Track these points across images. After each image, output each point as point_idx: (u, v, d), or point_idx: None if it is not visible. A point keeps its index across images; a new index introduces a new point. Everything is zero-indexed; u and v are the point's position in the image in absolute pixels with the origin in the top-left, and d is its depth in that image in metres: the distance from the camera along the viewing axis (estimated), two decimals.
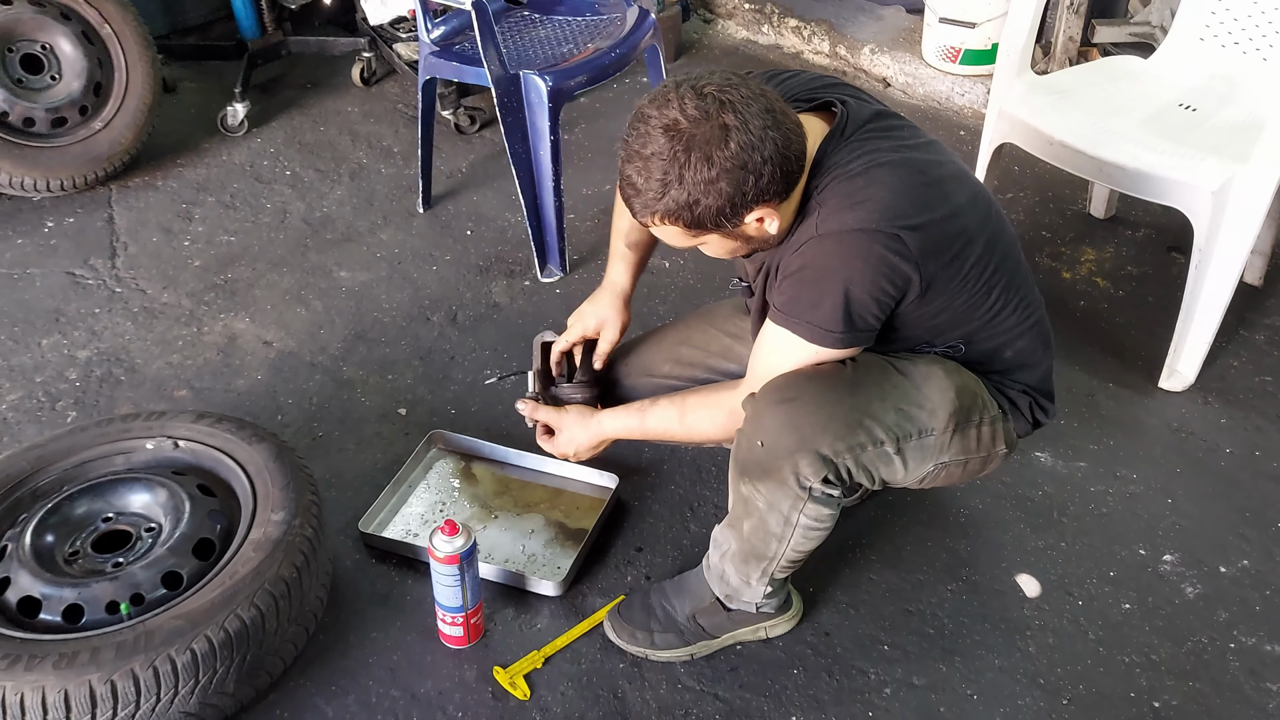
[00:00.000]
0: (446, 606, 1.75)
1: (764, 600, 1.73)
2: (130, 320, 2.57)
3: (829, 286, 1.45)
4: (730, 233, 1.46)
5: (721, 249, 1.53)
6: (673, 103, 1.38)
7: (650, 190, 1.40)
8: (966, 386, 1.60)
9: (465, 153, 3.24)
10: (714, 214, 1.40)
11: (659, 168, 1.38)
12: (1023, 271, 1.63)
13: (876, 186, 1.44)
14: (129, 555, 1.73)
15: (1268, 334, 2.45)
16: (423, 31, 2.70)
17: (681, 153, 1.37)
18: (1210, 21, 2.48)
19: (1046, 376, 1.70)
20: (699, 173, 1.37)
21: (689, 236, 1.47)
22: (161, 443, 1.89)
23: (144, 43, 3.08)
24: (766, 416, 1.52)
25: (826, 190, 1.46)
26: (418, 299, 2.63)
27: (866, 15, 3.84)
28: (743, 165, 1.37)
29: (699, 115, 1.36)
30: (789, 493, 1.54)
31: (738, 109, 1.37)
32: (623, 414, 1.79)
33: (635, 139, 1.41)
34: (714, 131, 1.36)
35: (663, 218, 1.43)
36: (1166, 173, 2.13)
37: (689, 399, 1.71)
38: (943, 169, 1.52)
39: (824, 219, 1.45)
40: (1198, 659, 1.77)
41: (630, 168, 1.42)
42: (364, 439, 2.22)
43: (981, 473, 1.69)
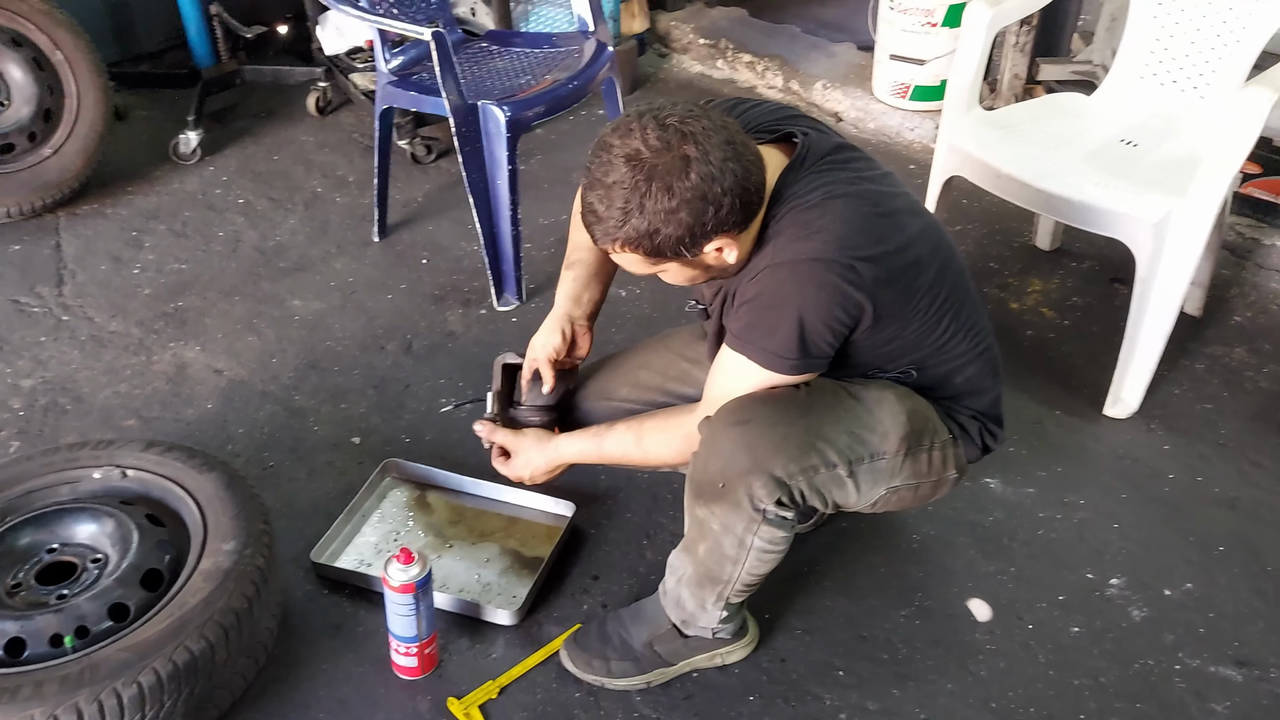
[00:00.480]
0: (400, 636, 1.73)
1: (720, 625, 1.73)
2: (77, 349, 2.53)
3: (784, 314, 1.47)
4: (689, 261, 1.48)
5: (680, 277, 1.55)
6: (635, 132, 1.40)
7: (612, 218, 1.42)
8: (918, 411, 1.62)
9: (421, 182, 3.24)
10: (673, 243, 1.43)
11: (620, 196, 1.40)
12: (972, 300, 1.66)
13: (832, 218, 1.47)
14: (74, 587, 1.69)
15: (1207, 363, 2.51)
16: (380, 61, 2.70)
17: (643, 182, 1.39)
18: (1149, 61, 2.55)
19: (996, 402, 1.73)
20: (659, 202, 1.39)
21: (649, 264, 1.49)
22: (109, 472, 1.86)
23: (96, 69, 3.06)
24: (721, 439, 1.54)
25: (784, 220, 1.49)
26: (372, 328, 2.62)
27: (819, 51, 3.91)
28: (702, 196, 1.39)
29: (660, 145, 1.39)
30: (743, 515, 1.55)
31: (699, 140, 1.39)
32: (579, 438, 1.79)
33: (598, 167, 1.43)
34: (675, 162, 1.38)
35: (623, 245, 1.45)
36: (1109, 205, 2.18)
37: (646, 423, 1.71)
38: (896, 201, 1.56)
39: (780, 248, 1.48)
40: (1144, 681, 1.80)
41: (592, 195, 1.44)
42: (316, 468, 2.20)
43: (932, 497, 1.71)
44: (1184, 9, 2.49)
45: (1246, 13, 2.40)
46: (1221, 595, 1.95)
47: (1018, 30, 3.25)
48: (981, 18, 2.38)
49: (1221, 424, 2.33)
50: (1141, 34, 2.56)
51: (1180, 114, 2.49)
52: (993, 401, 1.72)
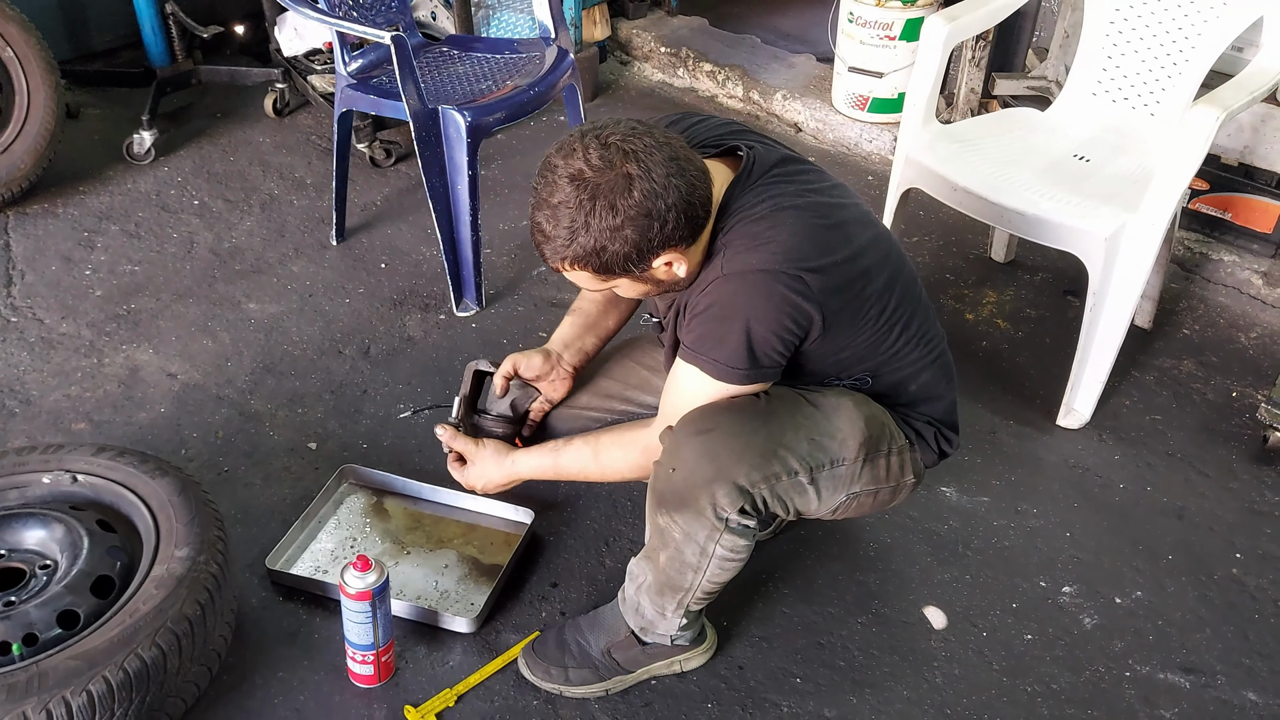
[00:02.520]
0: (357, 644, 1.72)
1: (679, 633, 1.74)
2: (26, 350, 2.48)
3: (733, 325, 1.49)
4: (639, 277, 1.50)
5: (633, 291, 1.57)
6: (578, 153, 1.42)
7: (559, 237, 1.44)
8: (875, 417, 1.64)
9: (380, 186, 3.22)
10: (621, 260, 1.44)
11: (566, 216, 1.42)
12: (924, 308, 1.69)
13: (780, 229, 1.49)
14: (22, 593, 1.66)
15: (1157, 375, 2.56)
16: (340, 64, 2.68)
17: (587, 201, 1.40)
18: (1102, 78, 2.61)
19: (951, 408, 1.76)
20: (604, 220, 1.41)
21: (599, 281, 1.51)
22: (59, 477, 1.82)
23: (47, 67, 3.00)
24: (684, 448, 1.54)
25: (732, 233, 1.51)
26: (329, 332, 2.60)
27: (779, 62, 3.94)
28: (646, 213, 1.41)
29: (603, 165, 1.40)
30: (705, 523, 1.55)
31: (640, 158, 1.41)
32: (536, 454, 1.80)
33: (543, 188, 1.44)
34: (618, 180, 1.40)
35: (572, 264, 1.47)
36: (1063, 219, 2.22)
37: (602, 438, 1.72)
38: (845, 212, 1.58)
39: (728, 260, 1.50)
40: (1095, 688, 1.83)
41: (540, 215, 1.45)
42: (272, 473, 2.18)
43: (891, 503, 1.72)
44: (1135, 28, 2.55)
45: (1195, 33, 2.46)
46: (1170, 603, 1.99)
47: (974, 45, 3.30)
48: (938, 32, 2.42)
49: (1170, 434, 2.38)
50: (1094, 52, 2.61)
51: (1132, 130, 2.54)
52: (948, 408, 1.75)
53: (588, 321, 1.91)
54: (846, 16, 3.49)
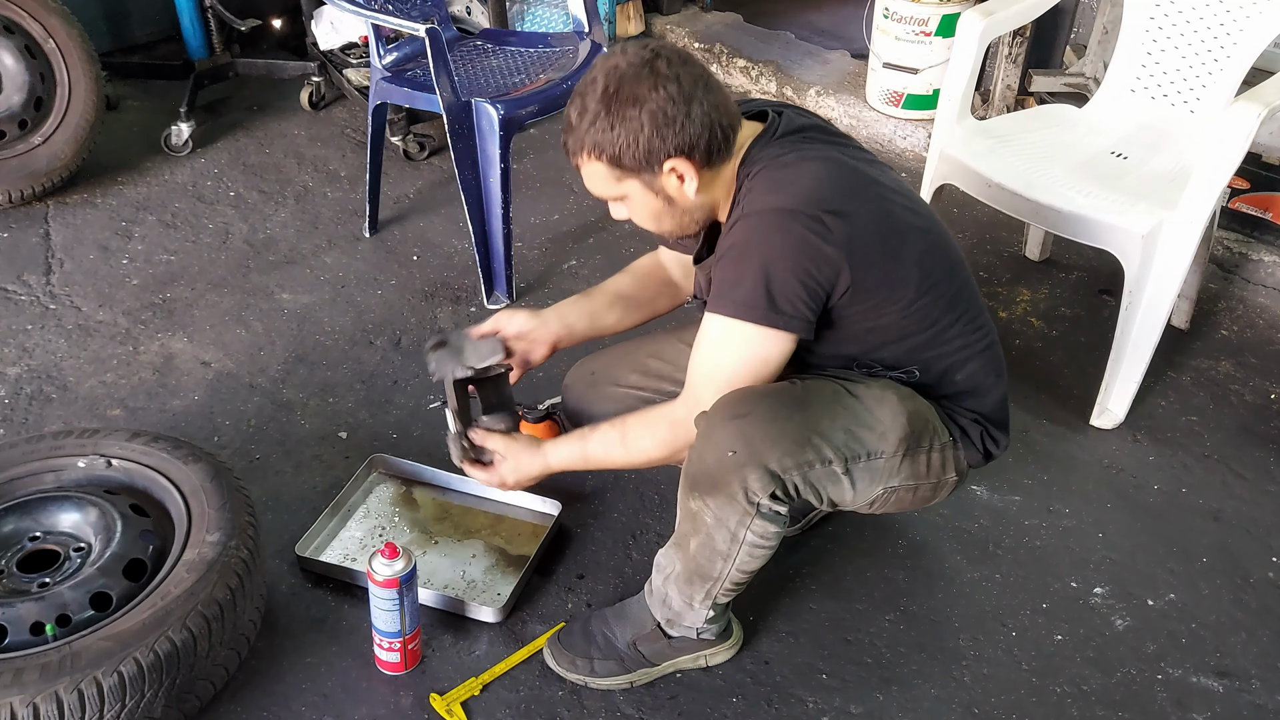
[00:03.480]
0: (384, 631, 1.73)
1: (705, 625, 1.73)
2: (64, 338, 2.51)
3: (748, 264, 1.49)
4: (650, 184, 1.52)
5: (643, 206, 1.57)
6: (617, 53, 1.50)
7: (582, 124, 1.49)
8: (919, 412, 1.62)
9: (413, 179, 3.23)
10: (633, 154, 1.48)
11: (592, 102, 1.48)
12: (971, 292, 1.67)
13: (803, 175, 1.50)
14: (56, 575, 1.68)
15: (1193, 376, 2.53)
16: (375, 57, 2.70)
17: (614, 90, 1.46)
18: (1141, 74, 2.57)
19: (999, 406, 1.72)
20: (625, 109, 1.46)
21: (612, 181, 1.53)
22: (94, 461, 1.85)
23: (88, 59, 3.04)
24: (717, 431, 1.54)
25: (755, 179, 1.53)
26: (361, 323, 2.61)
27: (813, 59, 3.93)
28: (665, 112, 1.46)
29: (637, 62, 1.47)
30: (737, 508, 1.55)
31: (673, 64, 1.48)
32: (565, 444, 1.76)
33: (581, 85, 1.51)
34: (646, 76, 1.46)
35: (589, 153, 1.50)
36: (1099, 216, 2.20)
37: (629, 420, 1.69)
38: (877, 172, 1.57)
39: (749, 202, 1.51)
40: (1127, 690, 1.81)
41: (570, 108, 1.51)
42: (303, 462, 2.19)
43: (931, 500, 1.71)
44: (1176, 24, 2.51)
45: (1237, 29, 2.42)
46: (1204, 606, 1.96)
47: (1010, 41, 3.27)
48: (975, 27, 2.39)
49: (1206, 436, 2.35)
50: (1134, 48, 2.58)
51: (1171, 128, 2.51)
52: (996, 405, 1.72)
53: (591, 307, 1.89)
54: (882, 12, 3.47)
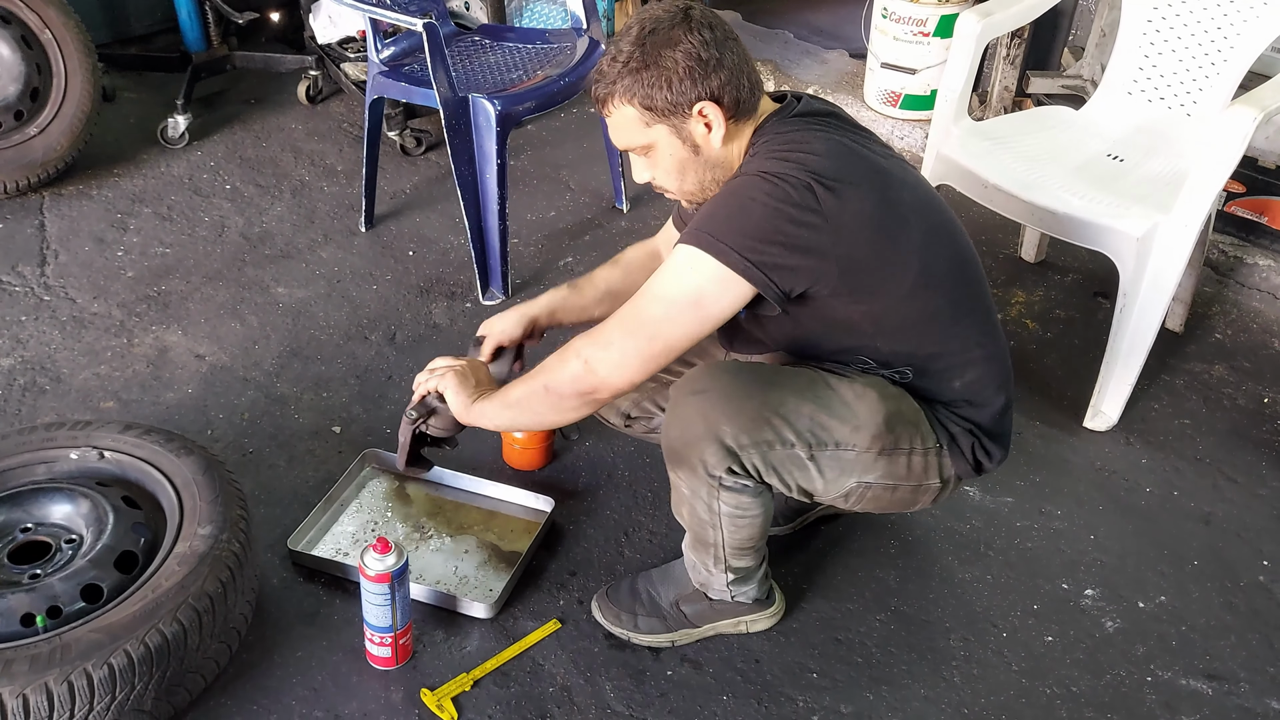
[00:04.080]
0: (375, 626, 1.73)
1: (730, 588, 1.77)
2: (58, 329, 2.51)
3: (727, 206, 1.50)
4: (679, 129, 1.54)
5: (669, 155, 1.57)
6: (652, 4, 1.55)
7: (615, 67, 1.52)
8: (901, 413, 1.62)
9: (410, 174, 3.23)
10: (666, 95, 1.50)
11: (627, 46, 1.51)
12: (981, 297, 1.67)
13: (803, 148, 1.51)
14: (47, 567, 1.68)
15: (1187, 379, 2.53)
16: (372, 51, 2.70)
17: (649, 34, 1.50)
18: (1138, 77, 2.58)
19: (997, 418, 1.69)
20: (662, 49, 1.49)
21: (641, 127, 1.54)
22: (86, 453, 1.84)
23: (85, 50, 3.04)
24: (681, 406, 1.57)
25: (760, 145, 1.55)
26: (356, 317, 2.61)
27: (811, 58, 3.93)
28: (699, 57, 1.49)
29: (673, 10, 1.52)
30: (702, 481, 1.58)
31: (707, 15, 1.52)
32: (498, 394, 1.68)
33: (620, 36, 1.54)
34: (681, 21, 1.50)
35: (621, 96, 1.52)
36: (1094, 218, 2.20)
37: (548, 359, 1.60)
38: (888, 163, 1.56)
39: (749, 164, 1.54)
40: (1116, 692, 1.81)
41: (603, 58, 1.54)
42: (296, 456, 2.19)
43: (915, 503, 1.71)
44: (1173, 27, 2.51)
45: (1234, 33, 2.42)
46: (1194, 609, 1.96)
47: (1008, 43, 3.27)
48: (972, 28, 2.40)
49: (1199, 439, 2.35)
50: (1131, 51, 2.58)
51: (1167, 131, 2.51)
52: (994, 417, 1.68)
53: (580, 301, 1.89)
54: (880, 12, 3.47)
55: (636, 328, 1.52)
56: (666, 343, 1.52)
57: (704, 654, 1.82)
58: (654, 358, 1.52)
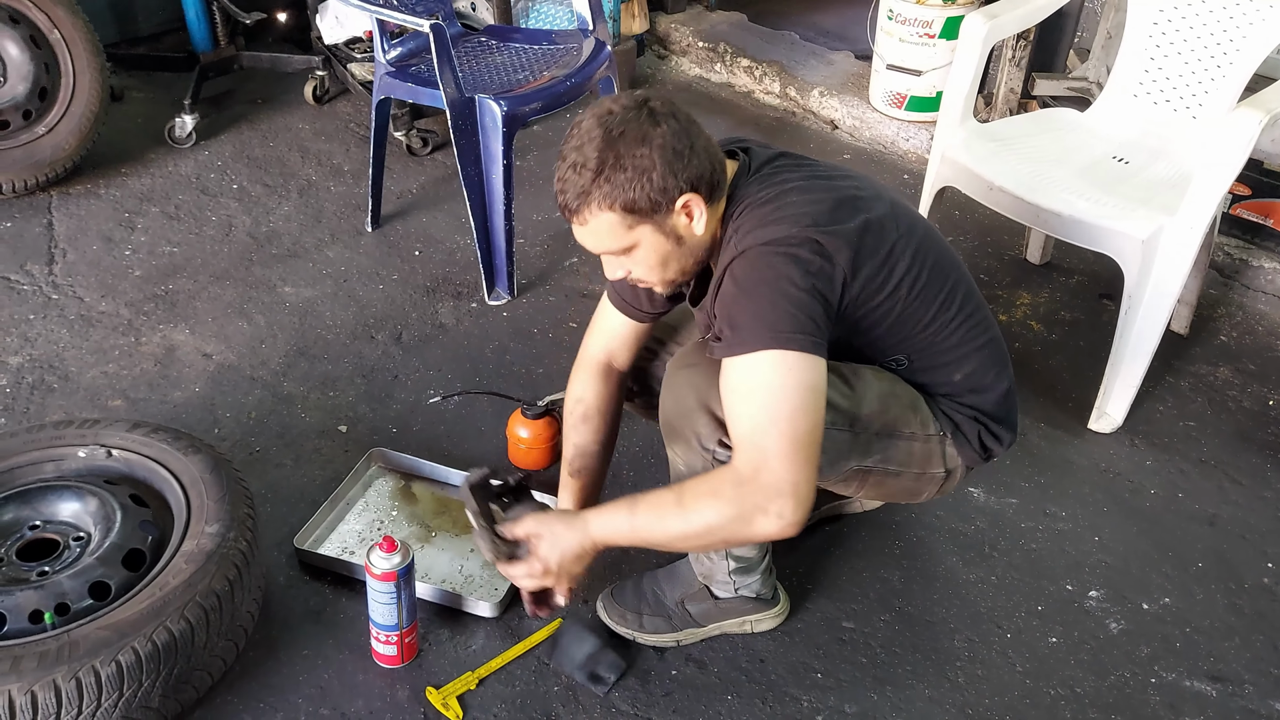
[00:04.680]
0: (381, 625, 1.73)
1: (733, 578, 1.77)
2: (65, 328, 2.52)
3: (760, 297, 1.45)
4: (662, 226, 1.48)
5: (653, 251, 1.51)
6: (604, 102, 1.48)
7: (586, 175, 1.43)
8: (900, 398, 1.63)
9: (416, 174, 3.24)
10: (648, 194, 1.44)
11: (594, 150, 1.43)
12: (968, 290, 1.66)
13: (787, 207, 1.49)
14: (55, 564, 1.69)
15: (1192, 381, 2.53)
16: (379, 52, 2.70)
17: (616, 131, 1.43)
18: (1144, 80, 2.58)
19: (1001, 402, 1.70)
20: (634, 148, 1.43)
21: (623, 231, 1.48)
22: (94, 451, 1.85)
23: (93, 50, 3.05)
24: (673, 379, 1.60)
25: (741, 217, 1.52)
26: (363, 317, 2.62)
27: (817, 59, 3.93)
28: (673, 148, 1.44)
29: (631, 105, 1.45)
30: (696, 454, 1.58)
31: (666, 104, 1.47)
32: (609, 510, 1.57)
33: (570, 139, 1.47)
34: (646, 116, 1.44)
35: (599, 204, 1.45)
36: (1100, 220, 2.20)
37: (686, 482, 1.52)
38: (854, 188, 1.56)
39: (740, 239, 1.49)
40: (1120, 693, 1.81)
41: (565, 164, 1.46)
42: (303, 455, 2.20)
43: (920, 492, 1.72)
44: (1179, 30, 2.51)
45: (1240, 36, 2.42)
46: (1198, 611, 1.97)
47: (1014, 45, 3.27)
48: (979, 30, 2.40)
49: (1204, 441, 2.35)
50: (1137, 53, 2.58)
51: (1172, 133, 2.51)
52: (998, 401, 1.70)
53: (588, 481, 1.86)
54: (886, 14, 3.47)
55: (787, 452, 1.41)
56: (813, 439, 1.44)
57: (709, 654, 1.83)
58: (811, 459, 1.43)
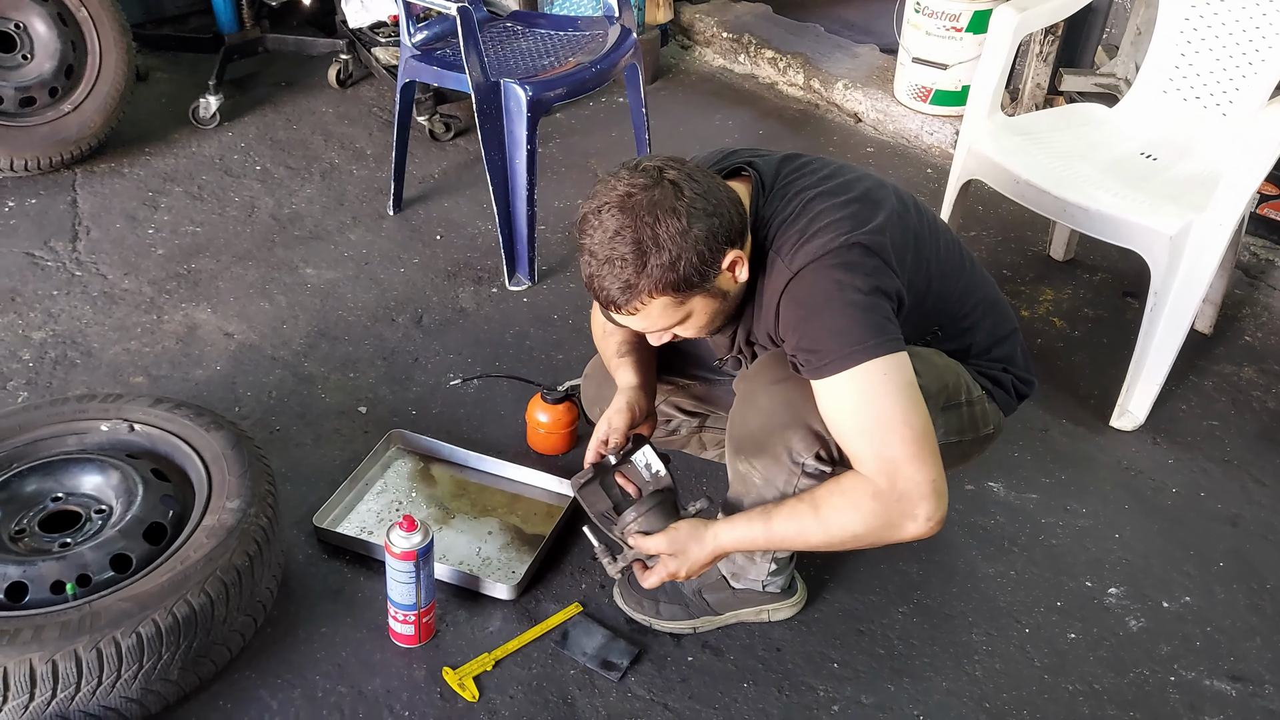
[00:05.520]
0: (399, 604, 1.73)
1: (769, 578, 1.77)
2: (89, 304, 2.53)
3: (834, 309, 1.44)
4: (711, 290, 1.47)
5: (703, 317, 1.51)
6: (612, 184, 1.42)
7: (629, 269, 1.39)
8: (950, 368, 1.65)
9: (439, 159, 3.24)
10: (696, 266, 1.41)
11: (630, 241, 1.39)
12: (961, 249, 1.69)
13: (819, 218, 1.49)
14: (77, 536, 1.70)
15: (1216, 380, 2.51)
16: (405, 35, 2.70)
17: (647, 215, 1.39)
18: (1174, 76, 2.55)
19: (1019, 346, 1.76)
20: (670, 227, 1.38)
21: (675, 308, 1.46)
22: (117, 425, 1.86)
23: (120, 29, 3.06)
24: (760, 396, 1.56)
25: (777, 239, 1.50)
26: (384, 300, 2.62)
27: (842, 51, 3.91)
28: (704, 210, 1.41)
29: (646, 181, 1.41)
30: (783, 468, 1.56)
31: (675, 166, 1.43)
32: (742, 523, 1.59)
33: (594, 232, 1.41)
34: (667, 188, 1.40)
35: (650, 292, 1.41)
36: (1126, 215, 2.18)
37: (818, 495, 1.52)
38: (861, 183, 1.57)
39: (791, 260, 1.48)
40: (1139, 690, 1.80)
41: (596, 265, 1.41)
42: (322, 435, 2.20)
43: (970, 457, 1.76)
44: (1211, 26, 2.49)
45: (1273, 33, 2.40)
46: (1219, 610, 1.95)
47: (1041, 39, 3.25)
48: (1009, 22, 2.38)
49: (1227, 441, 2.33)
50: (1167, 49, 2.56)
51: (1202, 131, 2.49)
52: (1015, 346, 1.76)
53: (642, 358, 1.81)
54: (913, 7, 3.45)
55: (913, 454, 1.44)
56: (930, 433, 1.46)
57: (725, 641, 1.83)
58: (936, 452, 1.46)
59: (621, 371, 1.81)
